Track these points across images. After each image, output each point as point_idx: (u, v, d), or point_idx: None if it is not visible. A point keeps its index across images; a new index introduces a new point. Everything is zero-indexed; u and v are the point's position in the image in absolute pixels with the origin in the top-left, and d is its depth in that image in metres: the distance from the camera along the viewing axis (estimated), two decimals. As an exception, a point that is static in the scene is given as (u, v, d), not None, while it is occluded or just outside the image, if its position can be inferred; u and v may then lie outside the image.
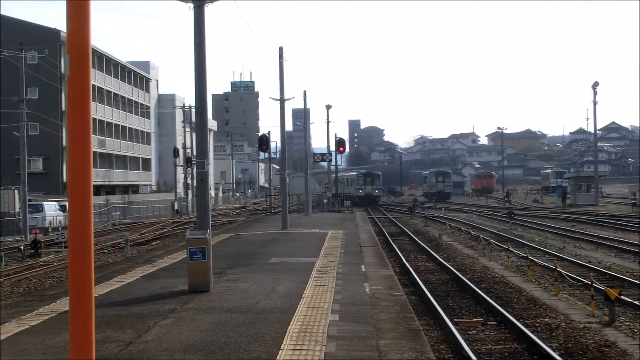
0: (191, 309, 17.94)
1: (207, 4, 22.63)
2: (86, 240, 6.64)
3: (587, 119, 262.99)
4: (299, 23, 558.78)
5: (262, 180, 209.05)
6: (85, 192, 6.47)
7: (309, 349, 13.53)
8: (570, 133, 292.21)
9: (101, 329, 15.63)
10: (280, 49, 51.48)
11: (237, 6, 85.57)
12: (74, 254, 6.68)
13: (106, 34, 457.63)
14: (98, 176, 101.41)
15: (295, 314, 17.06)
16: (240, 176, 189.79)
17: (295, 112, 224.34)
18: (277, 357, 12.96)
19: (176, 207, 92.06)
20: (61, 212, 67.39)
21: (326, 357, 13.03)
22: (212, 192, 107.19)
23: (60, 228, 63.45)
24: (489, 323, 19.65)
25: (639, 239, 42.95)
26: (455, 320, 19.79)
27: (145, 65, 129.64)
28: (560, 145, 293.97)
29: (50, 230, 61.99)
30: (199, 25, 22.53)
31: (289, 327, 15.50)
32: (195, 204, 24.31)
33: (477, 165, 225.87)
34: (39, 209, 64.34)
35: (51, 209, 65.98)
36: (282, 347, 13.60)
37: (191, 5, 22.53)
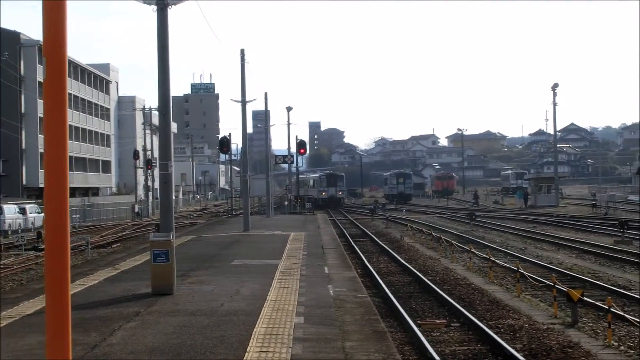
0: (155, 312, 17.86)
1: (170, 6, 22.57)
2: (63, 242, 6.60)
3: (547, 120, 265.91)
4: (259, 25, 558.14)
5: (222, 182, 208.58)
6: (61, 195, 6.46)
7: (275, 351, 13.51)
8: (530, 134, 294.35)
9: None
10: (242, 51, 51.45)
11: (199, 8, 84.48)
12: (51, 256, 6.65)
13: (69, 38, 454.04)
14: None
15: (260, 316, 17.03)
16: (200, 178, 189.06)
17: (256, 114, 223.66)
18: (244, 359, 12.93)
19: (136, 210, 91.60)
20: (21, 215, 66.80)
21: (292, 359, 13.02)
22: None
23: (19, 231, 62.95)
24: (453, 324, 19.77)
25: (599, 240, 43.40)
26: (419, 321, 19.87)
27: (105, 67, 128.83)
28: (520, 147, 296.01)
29: (9, 233, 61.43)
30: (163, 27, 22.47)
31: (255, 329, 15.47)
32: (159, 206, 24.22)
33: (438, 167, 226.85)
34: (-2, 211, 63.69)
35: (10, 212, 65.28)
36: (248, 350, 13.56)
37: (154, 7, 22.46)
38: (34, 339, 15.05)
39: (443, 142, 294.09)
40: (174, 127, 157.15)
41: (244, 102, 51.66)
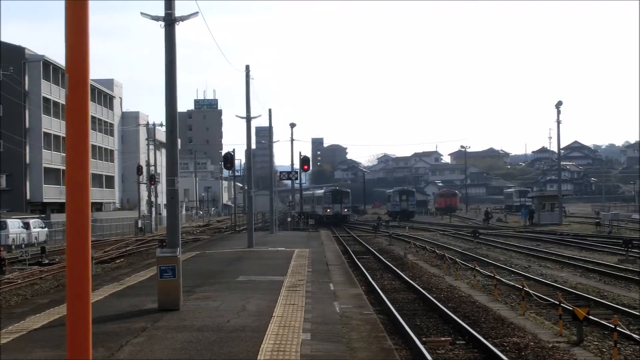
0: (162, 327, 17.89)
1: (178, 22, 22.69)
2: (84, 255, 6.67)
3: (550, 138, 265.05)
4: (262, 41, 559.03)
5: (225, 199, 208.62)
6: (83, 208, 6.51)
7: (283, 367, 13.54)
8: (533, 152, 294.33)
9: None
10: (247, 67, 51.50)
11: (205, 24, 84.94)
12: (72, 268, 6.72)
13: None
14: (62, 193, 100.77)
15: (267, 332, 17.05)
16: (203, 194, 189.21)
17: (259, 130, 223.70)
18: (252, 376, 12.98)
19: (140, 225, 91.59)
20: (24, 230, 66.87)
21: (301, 375, 13.05)
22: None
23: (23, 245, 63.00)
24: (458, 342, 19.70)
25: (603, 258, 43.38)
26: (424, 339, 19.79)
27: (109, 82, 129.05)
28: (523, 164, 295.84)
29: (13, 247, 61.43)
30: (170, 43, 22.59)
31: (262, 345, 15.49)
32: (166, 221, 24.25)
33: (440, 184, 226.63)
34: (2, 226, 63.64)
35: (14, 227, 65.33)
36: (256, 366, 13.60)
37: (162, 23, 22.58)
38: (40, 354, 15.08)
39: (446, 159, 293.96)
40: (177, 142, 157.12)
41: (248, 119, 51.74)
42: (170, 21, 22.54)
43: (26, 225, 67.93)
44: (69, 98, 6.34)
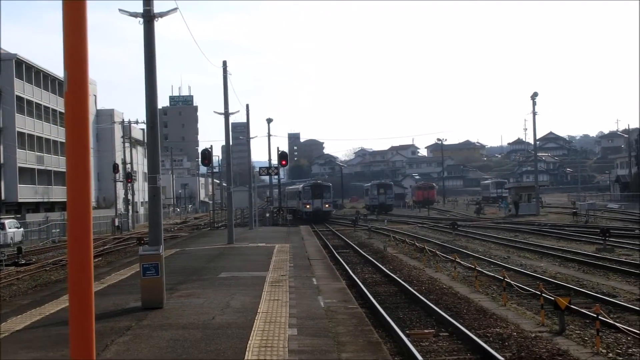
0: (147, 326, 17.82)
1: (157, 19, 22.59)
2: (86, 257, 6.65)
3: (525, 129, 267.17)
4: (238, 38, 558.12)
5: (202, 195, 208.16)
6: (84, 208, 6.49)
7: (272, 364, 13.52)
8: (509, 144, 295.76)
9: (58, 347, 15.52)
10: (224, 63, 51.31)
11: (183, 21, 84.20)
12: (74, 272, 6.71)
13: (43, 50, 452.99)
14: (37, 193, 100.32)
15: (253, 328, 17.02)
16: (180, 191, 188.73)
17: (235, 126, 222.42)
18: (241, 372, 12.95)
19: (117, 223, 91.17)
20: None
21: (290, 371, 13.03)
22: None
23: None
24: (441, 334, 19.75)
25: (581, 248, 43.60)
26: (407, 331, 19.84)
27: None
28: (499, 156, 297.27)
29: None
30: (149, 39, 22.49)
31: (249, 342, 15.46)
32: (148, 219, 24.13)
33: (418, 177, 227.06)
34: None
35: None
36: (244, 363, 13.57)
37: (141, 20, 22.48)
38: (26, 356, 14.99)
39: (423, 152, 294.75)
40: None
41: (227, 114, 51.62)
42: (149, 17, 22.43)
43: (1, 226, 67.40)
44: (68, 95, 6.30)
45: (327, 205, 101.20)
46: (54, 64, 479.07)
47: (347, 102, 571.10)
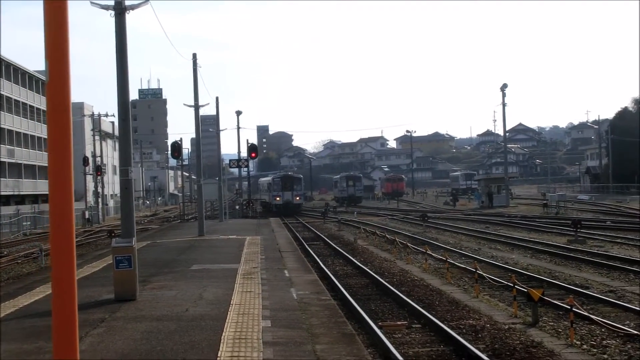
0: (121, 318, 17.79)
1: (128, 11, 22.54)
2: (68, 249, 6.67)
3: (495, 120, 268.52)
4: (207, 30, 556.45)
5: (171, 188, 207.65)
6: (66, 200, 6.50)
7: (247, 355, 13.50)
8: (478, 135, 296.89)
9: (32, 339, 15.48)
10: (194, 55, 51.26)
11: (153, 13, 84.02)
12: (57, 264, 6.73)
13: (15, 43, 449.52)
14: (7, 186, 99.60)
15: (227, 320, 17.03)
16: (150, 184, 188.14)
17: (204, 119, 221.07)
18: (216, 364, 12.95)
19: (87, 216, 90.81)
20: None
21: (265, 363, 13.04)
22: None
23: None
24: (413, 326, 19.77)
25: (552, 239, 43.85)
26: (380, 324, 19.85)
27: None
28: (469, 148, 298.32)
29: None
30: (121, 32, 22.42)
31: (223, 334, 15.47)
32: (120, 211, 24.07)
33: (387, 169, 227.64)
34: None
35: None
36: (219, 355, 13.54)
37: (112, 12, 22.42)
38: (9, 346, 14.94)
39: (392, 144, 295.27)
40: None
41: (197, 107, 51.53)
42: (120, 10, 22.38)
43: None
44: (49, 85, 6.31)
45: (297, 198, 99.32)
46: (23, 56, 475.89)
47: (316, 94, 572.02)
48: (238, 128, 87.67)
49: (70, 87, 6.42)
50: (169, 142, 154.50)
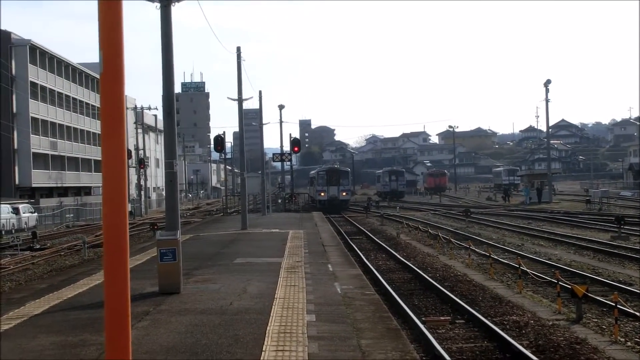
0: (165, 311, 17.82)
1: (174, 4, 22.56)
2: (122, 245, 6.69)
3: (537, 116, 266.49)
4: (251, 24, 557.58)
5: (214, 181, 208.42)
6: (120, 191, 6.53)
7: (292, 349, 13.43)
8: (521, 131, 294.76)
9: (77, 332, 15.55)
10: (238, 49, 51.28)
11: (199, 6, 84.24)
12: (109, 260, 6.76)
13: (58, 36, 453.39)
14: (50, 178, 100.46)
15: (271, 314, 16.98)
16: (192, 177, 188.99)
17: (246, 113, 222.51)
18: (261, 359, 12.88)
19: (129, 209, 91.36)
20: (14, 215, 66.53)
21: (310, 357, 12.94)
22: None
23: (13, 231, 62.73)
24: (457, 321, 19.72)
25: (595, 235, 43.50)
26: (423, 319, 19.81)
27: (96, 66, 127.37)
28: (511, 144, 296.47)
29: (3, 233, 61.09)
30: (166, 24, 22.46)
31: (268, 328, 15.42)
32: (165, 204, 24.15)
33: (429, 164, 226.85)
34: (-10, 211, 63.32)
35: (4, 212, 64.89)
36: (264, 349, 13.49)
37: (158, 4, 22.45)
38: (45, 340, 15.00)
39: (434, 139, 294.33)
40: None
41: (240, 101, 51.58)
42: (166, 2, 22.40)
43: (16, 211, 67.60)
44: (103, 75, 6.31)
45: (344, 194, 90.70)
46: (68, 49, 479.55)
47: (358, 89, 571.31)
48: (280, 122, 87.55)
49: (124, 78, 6.43)
50: (212, 135, 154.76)
